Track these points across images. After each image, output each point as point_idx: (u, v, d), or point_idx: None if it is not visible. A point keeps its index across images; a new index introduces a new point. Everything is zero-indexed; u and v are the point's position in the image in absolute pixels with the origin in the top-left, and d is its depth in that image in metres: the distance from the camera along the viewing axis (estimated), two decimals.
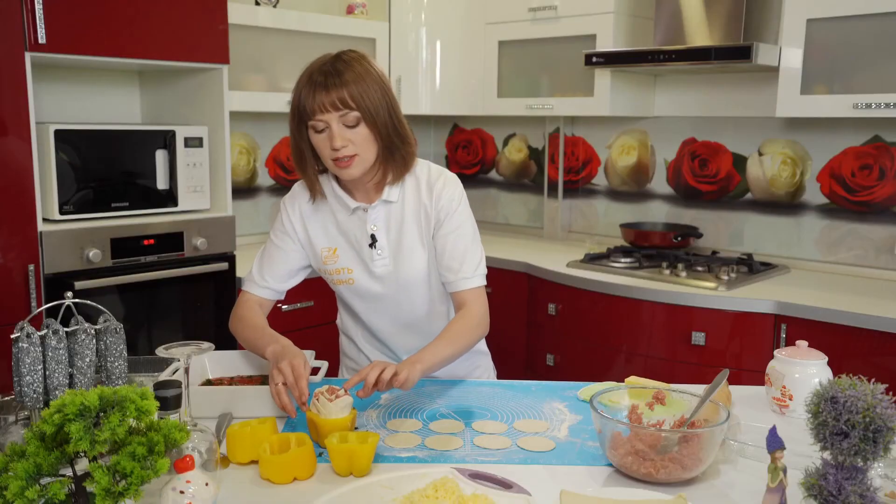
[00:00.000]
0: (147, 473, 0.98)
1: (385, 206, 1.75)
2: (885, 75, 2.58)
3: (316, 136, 1.63)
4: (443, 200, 1.74)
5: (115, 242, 2.59)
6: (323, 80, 1.59)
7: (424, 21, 3.60)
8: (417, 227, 1.75)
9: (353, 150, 1.62)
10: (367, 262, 1.75)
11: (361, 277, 1.77)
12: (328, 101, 1.58)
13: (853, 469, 1.05)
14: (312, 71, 1.63)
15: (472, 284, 1.74)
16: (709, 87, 3.32)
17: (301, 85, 1.63)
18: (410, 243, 1.75)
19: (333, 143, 1.60)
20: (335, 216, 1.78)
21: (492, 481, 1.25)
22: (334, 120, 1.59)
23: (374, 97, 1.61)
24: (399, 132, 1.67)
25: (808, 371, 1.57)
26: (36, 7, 2.33)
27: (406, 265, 1.75)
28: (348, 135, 1.61)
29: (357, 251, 1.76)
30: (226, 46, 2.85)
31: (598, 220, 3.75)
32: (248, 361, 1.72)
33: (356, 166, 1.64)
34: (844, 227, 3.02)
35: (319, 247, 1.79)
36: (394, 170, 1.71)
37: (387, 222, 1.75)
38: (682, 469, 1.26)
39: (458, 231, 1.74)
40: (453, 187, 1.76)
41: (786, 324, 2.56)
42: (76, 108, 2.97)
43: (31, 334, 1.27)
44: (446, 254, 1.74)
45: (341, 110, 1.58)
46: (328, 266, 1.78)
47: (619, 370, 2.86)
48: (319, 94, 1.58)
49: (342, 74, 1.59)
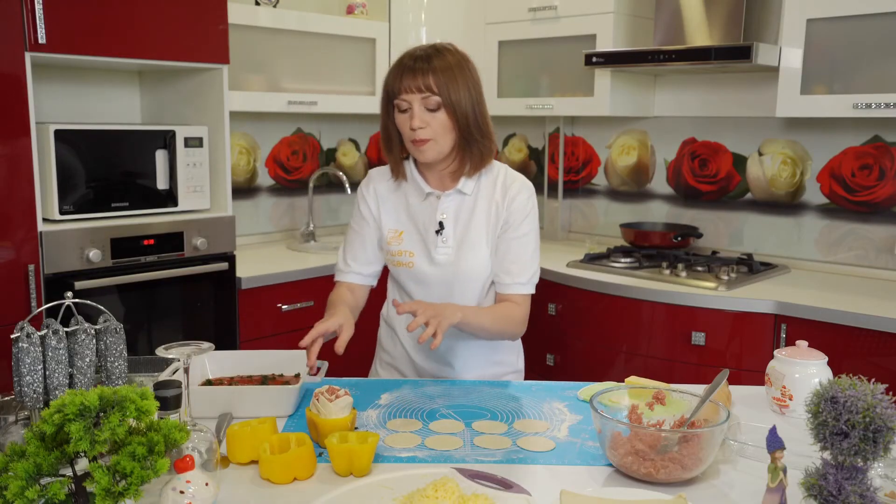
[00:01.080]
0: (147, 473, 0.98)
1: (458, 197, 1.81)
2: (885, 75, 2.58)
3: (399, 116, 1.73)
4: (516, 204, 1.80)
5: (115, 242, 2.59)
6: (412, 64, 1.70)
7: (424, 21, 3.60)
8: (486, 223, 1.80)
9: (429, 133, 1.71)
10: (431, 248, 1.81)
11: (421, 262, 1.82)
12: (413, 84, 1.68)
13: (853, 469, 1.05)
14: (405, 56, 1.74)
15: (524, 291, 1.82)
16: (709, 87, 3.32)
17: (393, 68, 1.74)
18: (475, 237, 1.80)
19: (412, 123, 1.70)
20: (408, 200, 1.85)
21: (492, 481, 1.25)
22: (416, 101, 1.69)
23: (458, 88, 1.70)
24: (480, 127, 1.76)
25: (808, 371, 1.57)
26: (36, 7, 2.33)
27: (467, 257, 1.80)
28: (427, 118, 1.70)
29: (422, 236, 1.82)
30: (226, 46, 2.85)
31: (598, 220, 3.75)
32: (248, 361, 1.72)
33: (431, 149, 1.73)
34: (844, 227, 3.02)
35: (387, 227, 1.86)
36: (471, 161, 1.78)
37: (457, 212, 1.81)
38: (682, 469, 1.26)
39: (525, 238, 1.81)
40: (528, 194, 1.83)
41: (786, 324, 2.56)
42: (76, 108, 2.97)
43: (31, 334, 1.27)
44: (509, 257, 1.80)
45: (424, 93, 1.68)
46: (391, 247, 1.85)
47: (619, 370, 2.86)
48: (407, 76, 1.69)
49: (431, 61, 1.69)
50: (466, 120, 1.72)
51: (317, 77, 3.38)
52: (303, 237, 3.62)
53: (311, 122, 3.74)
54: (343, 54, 3.44)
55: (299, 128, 3.70)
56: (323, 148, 3.82)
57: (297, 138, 3.70)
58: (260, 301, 2.92)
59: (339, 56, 3.43)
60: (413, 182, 1.83)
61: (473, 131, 1.74)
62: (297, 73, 3.31)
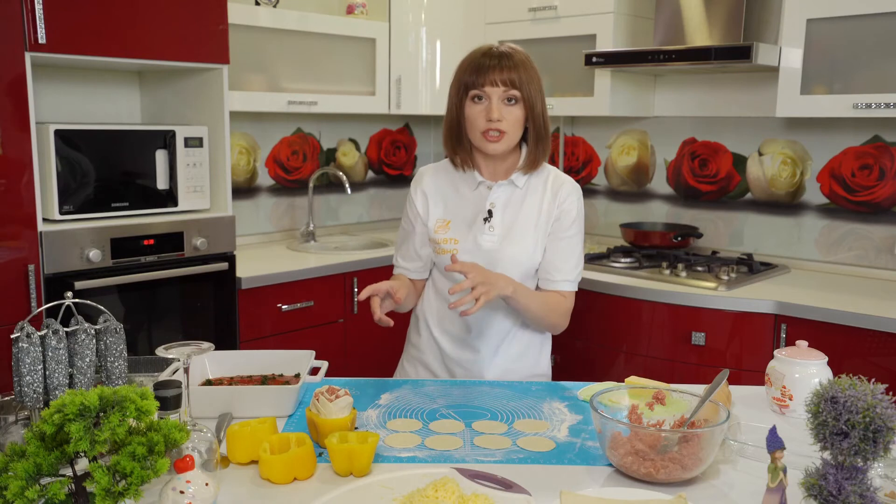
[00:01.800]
0: (147, 473, 0.98)
1: (510, 188, 1.86)
2: (885, 75, 2.58)
3: (473, 106, 1.78)
4: (567, 204, 1.86)
5: (115, 242, 2.59)
6: (497, 62, 1.75)
7: (424, 21, 3.60)
8: (535, 217, 1.85)
9: (505, 125, 1.77)
10: (477, 234, 1.85)
11: (466, 247, 1.85)
12: (499, 78, 1.74)
13: (853, 469, 1.05)
14: (484, 52, 1.79)
15: (570, 288, 1.88)
16: (709, 87, 3.32)
17: (472, 61, 1.79)
18: (522, 229, 1.84)
19: (491, 114, 1.75)
20: (458, 190, 1.90)
21: (492, 481, 1.25)
22: (497, 94, 1.75)
23: (534, 87, 1.79)
24: (545, 126, 1.84)
25: (808, 371, 1.57)
26: (36, 7, 2.33)
27: (512, 247, 1.83)
28: (504, 111, 1.76)
29: (470, 223, 1.86)
30: (226, 46, 2.85)
31: (598, 220, 3.75)
32: (248, 361, 1.72)
33: (503, 143, 1.79)
34: (844, 227, 3.02)
35: (435, 217, 1.91)
36: (531, 157, 1.84)
37: (506, 202, 1.86)
38: (682, 469, 1.26)
39: (575, 238, 1.87)
40: (578, 196, 1.89)
41: (786, 324, 2.56)
42: (76, 108, 2.97)
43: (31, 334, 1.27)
44: (558, 254, 1.85)
45: (507, 87, 1.75)
46: (438, 235, 1.89)
47: (619, 370, 2.86)
48: (493, 71, 1.75)
49: (514, 59, 1.76)
50: (538, 118, 1.80)
51: (317, 77, 3.38)
52: (303, 237, 3.62)
53: (311, 122, 3.74)
54: (343, 54, 3.44)
55: (299, 128, 3.70)
56: (323, 148, 3.82)
57: (297, 138, 3.70)
58: (260, 301, 2.92)
59: (339, 56, 3.43)
60: (466, 174, 1.89)
61: (541, 129, 1.82)
62: (297, 73, 3.31)
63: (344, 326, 3.16)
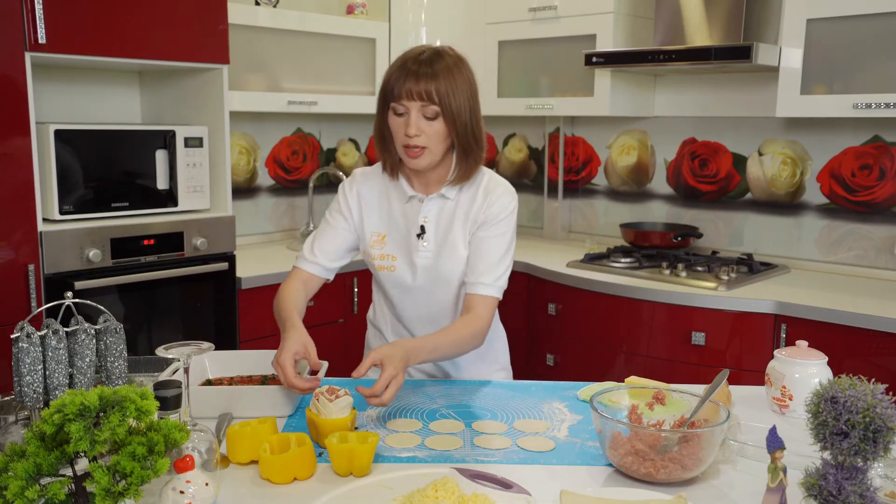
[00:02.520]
0: (147, 473, 0.98)
1: (440, 201, 1.80)
2: (885, 75, 2.58)
3: (394, 119, 1.69)
4: (495, 207, 1.77)
5: (115, 242, 2.59)
6: (416, 69, 1.65)
7: (424, 21, 3.60)
8: (464, 227, 1.78)
9: (424, 141, 1.67)
10: (412, 251, 1.79)
11: (402, 266, 1.81)
12: (415, 90, 1.64)
13: (853, 469, 1.05)
14: (408, 58, 1.68)
15: (487, 292, 1.74)
16: (709, 87, 3.32)
17: (394, 68, 1.69)
18: (455, 241, 1.78)
19: (408, 130, 1.66)
20: (390, 203, 1.83)
21: (492, 481, 1.25)
22: (415, 108, 1.66)
23: (459, 98, 1.66)
24: (476, 137, 1.73)
25: (808, 371, 1.57)
26: (36, 7, 2.33)
27: (447, 261, 1.78)
28: (424, 126, 1.66)
29: (405, 240, 1.81)
30: (226, 46, 2.85)
31: (598, 220, 3.75)
32: (248, 361, 1.72)
33: (424, 158, 1.70)
34: (844, 227, 3.02)
35: (370, 230, 1.83)
36: (460, 170, 1.76)
37: (438, 216, 1.80)
38: (682, 469, 1.26)
39: (497, 239, 1.76)
40: (509, 199, 1.79)
41: (786, 324, 2.56)
42: (76, 108, 2.97)
43: (31, 334, 1.27)
44: (477, 255, 1.77)
45: (424, 101, 1.65)
46: (374, 251, 1.83)
47: (619, 370, 2.86)
48: (410, 80, 1.64)
49: (435, 68, 1.65)
50: (465, 131, 1.69)
51: (317, 77, 3.38)
52: (303, 237, 3.62)
53: (311, 122, 3.74)
54: (343, 54, 3.43)
55: (299, 128, 3.70)
56: (323, 148, 3.82)
57: (297, 138, 3.70)
58: (260, 301, 2.92)
59: (339, 56, 3.43)
60: (397, 184, 1.82)
61: (471, 142, 1.71)
62: (297, 73, 3.31)
63: (344, 326, 3.16)
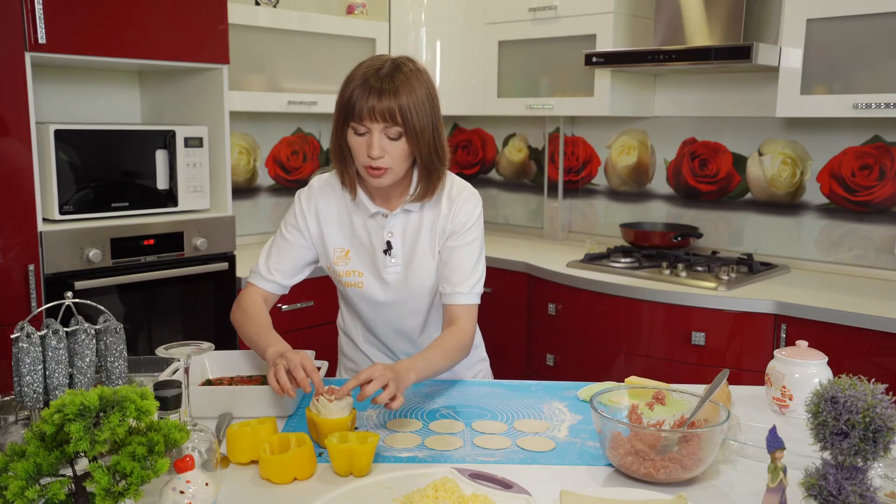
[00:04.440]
0: (147, 473, 0.98)
1: (404, 215, 1.75)
2: (885, 75, 2.57)
3: (355, 138, 1.62)
4: (461, 216, 1.74)
5: (115, 242, 2.59)
6: (378, 87, 1.57)
7: (424, 21, 3.60)
8: (431, 238, 1.75)
9: (387, 162, 1.61)
10: (380, 267, 1.75)
11: (371, 282, 1.77)
12: (378, 110, 1.56)
13: (853, 469, 1.05)
14: (369, 74, 1.60)
15: (467, 301, 1.72)
16: (709, 87, 3.32)
17: (354, 84, 1.60)
18: (423, 253, 1.75)
19: (371, 151, 1.59)
20: (352, 218, 1.77)
21: (492, 481, 1.25)
22: (377, 129, 1.59)
23: (422, 116, 1.60)
24: (438, 152, 1.67)
25: (808, 371, 1.57)
26: (36, 7, 2.33)
27: (416, 275, 1.75)
28: (387, 146, 1.60)
29: (370, 255, 1.76)
30: (226, 46, 2.85)
31: (598, 220, 3.75)
32: (248, 361, 1.73)
33: (387, 177, 1.64)
34: (844, 227, 3.02)
35: (332, 246, 1.78)
36: (423, 188, 1.71)
37: (403, 230, 1.75)
38: (682, 469, 1.26)
39: (467, 247, 1.73)
40: (473, 205, 1.76)
41: (786, 324, 2.56)
42: (76, 108, 2.97)
43: (31, 334, 1.27)
44: (449, 265, 1.73)
45: (388, 123, 1.58)
46: (339, 267, 1.78)
47: (619, 370, 2.86)
48: (372, 99, 1.56)
49: (397, 85, 1.57)
50: (428, 148, 1.63)
51: (317, 77, 3.38)
52: None
53: (311, 122, 3.74)
54: (343, 54, 3.43)
55: (299, 128, 3.70)
56: (323, 148, 3.82)
57: (297, 138, 3.70)
58: None
59: (339, 56, 3.43)
60: (358, 200, 1.75)
61: (433, 158, 1.66)
62: (297, 73, 3.31)
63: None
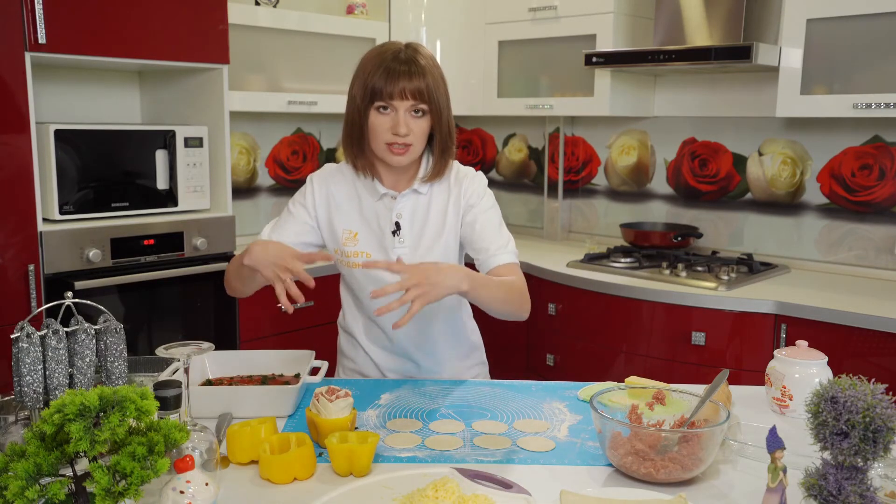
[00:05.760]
0: (147, 473, 0.98)
1: (414, 196, 1.78)
2: (885, 75, 2.57)
3: (378, 117, 1.67)
4: (473, 188, 1.79)
5: (115, 242, 2.59)
6: (406, 70, 1.64)
7: (424, 21, 3.60)
8: (442, 220, 1.78)
9: (411, 139, 1.67)
10: (388, 248, 1.77)
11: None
12: (409, 90, 1.63)
13: (853, 469, 1.05)
14: (387, 57, 1.66)
15: (506, 259, 1.74)
16: (709, 87, 3.32)
17: (375, 66, 1.66)
18: (432, 235, 1.78)
19: (397, 129, 1.65)
20: (360, 200, 1.80)
21: (492, 481, 1.25)
22: (404, 107, 1.65)
23: (441, 96, 1.69)
24: (451, 133, 1.75)
25: (808, 371, 1.57)
26: (36, 7, 2.33)
27: (424, 257, 1.76)
28: (412, 124, 1.66)
29: (378, 237, 1.78)
30: (226, 46, 2.85)
31: (598, 220, 3.75)
32: (248, 361, 1.72)
33: (408, 155, 1.70)
34: (844, 227, 3.02)
35: (341, 228, 1.80)
36: (437, 166, 1.76)
37: (413, 212, 1.78)
38: (682, 469, 1.26)
39: (486, 214, 1.78)
40: (480, 180, 1.82)
41: (786, 324, 2.56)
42: (76, 108, 2.97)
43: (31, 334, 1.27)
44: (475, 235, 1.77)
45: (416, 101, 1.64)
46: (347, 248, 1.79)
47: (619, 370, 2.86)
48: (402, 80, 1.63)
49: (422, 66, 1.65)
50: (446, 126, 1.72)
51: (317, 77, 3.38)
52: None
53: (311, 122, 3.74)
54: (343, 54, 3.43)
55: (299, 128, 3.70)
56: (323, 148, 3.82)
57: (297, 138, 3.70)
58: (260, 301, 2.91)
59: (339, 56, 3.43)
60: (366, 181, 1.79)
61: (447, 138, 1.74)
62: (297, 73, 3.31)
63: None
